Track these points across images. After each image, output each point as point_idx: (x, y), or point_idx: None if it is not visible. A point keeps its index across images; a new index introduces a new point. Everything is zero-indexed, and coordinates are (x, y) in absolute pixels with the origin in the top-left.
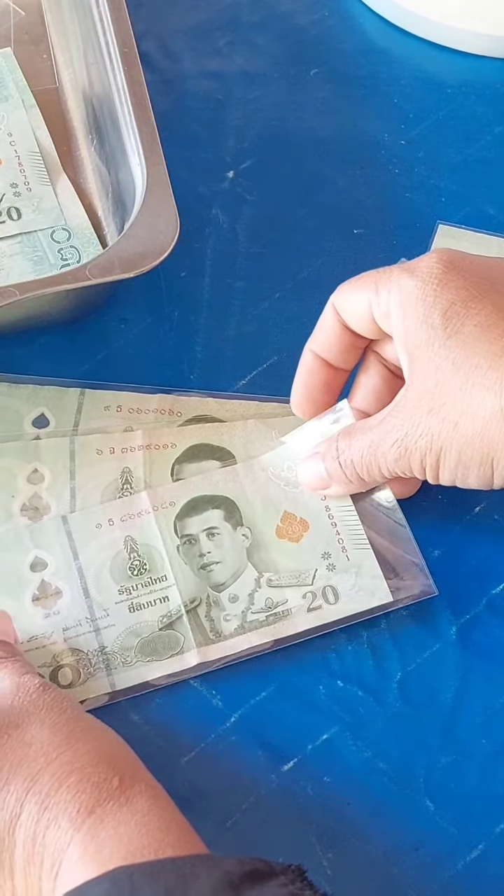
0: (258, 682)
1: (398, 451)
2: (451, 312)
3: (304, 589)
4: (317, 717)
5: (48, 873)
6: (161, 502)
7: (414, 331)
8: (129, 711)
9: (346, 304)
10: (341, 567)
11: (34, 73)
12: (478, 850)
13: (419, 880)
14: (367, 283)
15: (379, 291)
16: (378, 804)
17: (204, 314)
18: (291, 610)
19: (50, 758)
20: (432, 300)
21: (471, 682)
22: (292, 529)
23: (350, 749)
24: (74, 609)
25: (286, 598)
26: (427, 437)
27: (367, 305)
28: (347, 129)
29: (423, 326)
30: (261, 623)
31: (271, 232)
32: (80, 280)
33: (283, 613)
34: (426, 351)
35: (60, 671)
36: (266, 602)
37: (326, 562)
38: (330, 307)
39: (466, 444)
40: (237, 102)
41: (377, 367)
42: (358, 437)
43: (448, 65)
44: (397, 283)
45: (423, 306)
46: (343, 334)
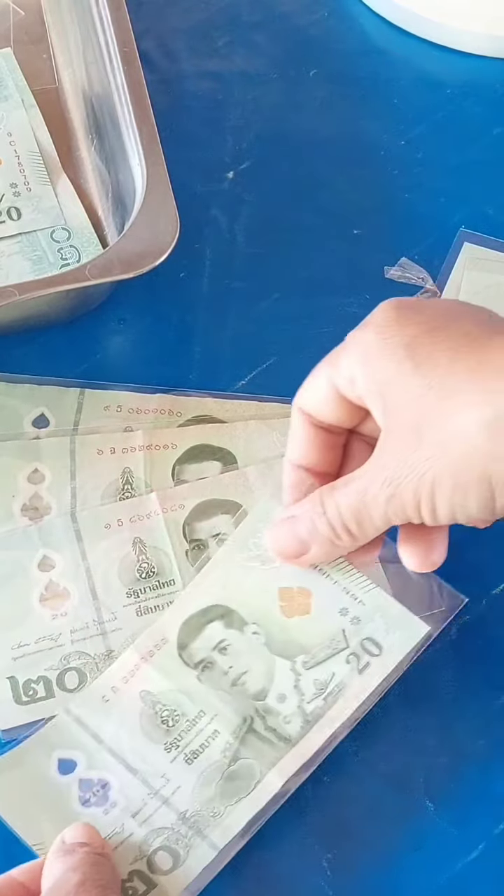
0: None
1: (389, 491)
2: (415, 343)
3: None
4: None
5: None
6: (171, 504)
7: (381, 372)
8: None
9: (309, 397)
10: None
11: (34, 72)
12: (478, 851)
13: (419, 880)
14: (322, 365)
15: (337, 362)
16: (377, 805)
17: (203, 314)
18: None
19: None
20: (393, 340)
21: (469, 682)
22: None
23: (349, 750)
24: (82, 610)
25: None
26: (417, 469)
27: (328, 385)
28: (347, 130)
29: (389, 363)
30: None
31: (270, 232)
32: (80, 280)
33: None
34: (398, 384)
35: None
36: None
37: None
38: (295, 412)
39: (459, 466)
40: (236, 102)
41: (362, 448)
42: (342, 488)
43: (448, 65)
44: (353, 343)
45: (385, 347)
46: (316, 435)
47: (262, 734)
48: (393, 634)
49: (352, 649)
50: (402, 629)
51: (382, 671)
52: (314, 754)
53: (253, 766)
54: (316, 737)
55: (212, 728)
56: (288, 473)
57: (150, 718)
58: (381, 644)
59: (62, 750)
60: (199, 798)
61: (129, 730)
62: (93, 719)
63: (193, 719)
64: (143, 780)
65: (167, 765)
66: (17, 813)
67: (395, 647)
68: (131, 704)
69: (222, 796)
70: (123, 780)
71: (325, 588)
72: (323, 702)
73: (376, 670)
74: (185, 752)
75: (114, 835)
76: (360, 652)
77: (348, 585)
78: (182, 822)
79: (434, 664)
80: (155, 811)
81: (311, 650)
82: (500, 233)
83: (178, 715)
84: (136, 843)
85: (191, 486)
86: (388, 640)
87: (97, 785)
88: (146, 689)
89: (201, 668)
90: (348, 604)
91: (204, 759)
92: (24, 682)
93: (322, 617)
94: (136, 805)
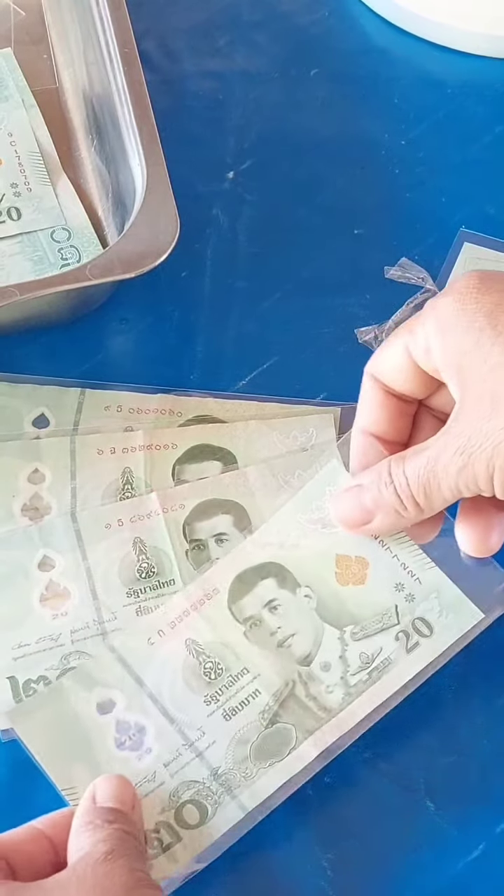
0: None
1: (461, 460)
2: (498, 311)
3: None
4: None
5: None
6: (171, 504)
7: (458, 341)
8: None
9: (383, 364)
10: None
11: (34, 73)
12: (478, 851)
13: (420, 880)
14: (399, 332)
15: (413, 330)
16: (378, 805)
17: (204, 314)
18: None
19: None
20: (474, 307)
21: (471, 682)
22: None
23: (350, 750)
24: (82, 610)
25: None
26: (492, 438)
27: (404, 353)
28: (347, 129)
29: (468, 332)
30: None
31: (271, 232)
32: (81, 280)
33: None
34: (476, 354)
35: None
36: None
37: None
38: (367, 378)
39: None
40: (237, 102)
41: (431, 423)
42: (412, 457)
43: (448, 65)
44: (431, 310)
45: (464, 315)
46: (388, 402)
47: (303, 701)
48: (446, 617)
49: (402, 627)
50: (456, 613)
51: (431, 653)
52: (352, 728)
53: (290, 731)
54: (356, 710)
55: (253, 687)
56: (357, 440)
57: (192, 668)
58: (433, 626)
59: (103, 688)
60: (232, 756)
61: (170, 676)
62: (136, 660)
63: (236, 675)
64: (179, 729)
65: (205, 718)
66: (51, 752)
67: (447, 631)
68: (176, 651)
69: (256, 758)
70: (160, 727)
71: (384, 561)
72: (367, 676)
73: (425, 652)
74: (225, 707)
75: (145, 782)
76: (410, 631)
77: (407, 561)
78: (213, 779)
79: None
80: (188, 763)
81: (362, 622)
82: (501, 233)
83: (221, 668)
84: (165, 793)
85: (191, 486)
86: (440, 623)
87: (134, 728)
88: (192, 638)
89: (249, 624)
90: (405, 580)
91: (242, 717)
92: (24, 682)
93: (376, 589)
94: (170, 755)
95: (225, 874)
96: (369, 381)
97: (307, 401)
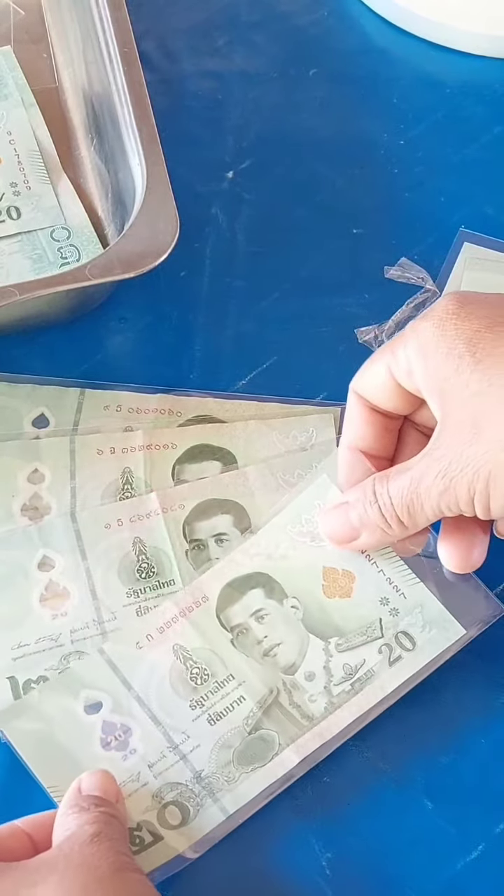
0: None
1: (443, 483)
2: (477, 338)
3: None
4: None
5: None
6: (171, 504)
7: (439, 367)
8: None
9: (366, 383)
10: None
11: (34, 72)
12: (477, 851)
13: (418, 880)
14: (381, 352)
15: (395, 352)
16: (377, 804)
17: (203, 313)
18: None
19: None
20: (453, 333)
21: (470, 682)
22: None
23: (349, 749)
24: (82, 610)
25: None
26: (473, 464)
27: (386, 373)
28: (346, 129)
29: (448, 359)
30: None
31: (270, 231)
32: (80, 280)
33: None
34: (457, 381)
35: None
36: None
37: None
38: (352, 396)
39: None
40: (236, 102)
41: (416, 437)
42: (396, 477)
43: (447, 65)
44: (413, 333)
45: (444, 341)
46: (372, 419)
47: (286, 708)
48: (429, 632)
49: (386, 640)
50: (438, 628)
51: (413, 667)
52: (333, 737)
53: (273, 737)
54: (338, 720)
55: (238, 693)
56: (343, 456)
57: (179, 673)
58: (416, 640)
59: (91, 690)
60: (216, 760)
61: (157, 681)
62: (124, 663)
63: (222, 682)
64: (164, 732)
65: (190, 722)
66: (37, 752)
67: (429, 646)
68: (163, 656)
69: (239, 763)
70: (146, 729)
71: (370, 575)
72: (350, 686)
73: (407, 665)
74: (210, 712)
75: (129, 781)
76: (393, 644)
77: (393, 576)
78: (196, 781)
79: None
80: (172, 765)
81: (346, 634)
82: (500, 233)
83: (207, 674)
84: (149, 793)
85: (191, 486)
86: (423, 637)
87: (120, 730)
88: (180, 644)
89: (237, 632)
90: (390, 594)
91: (226, 722)
92: (24, 681)
93: (362, 603)
94: (155, 756)
95: (224, 873)
96: (354, 398)
97: (307, 401)
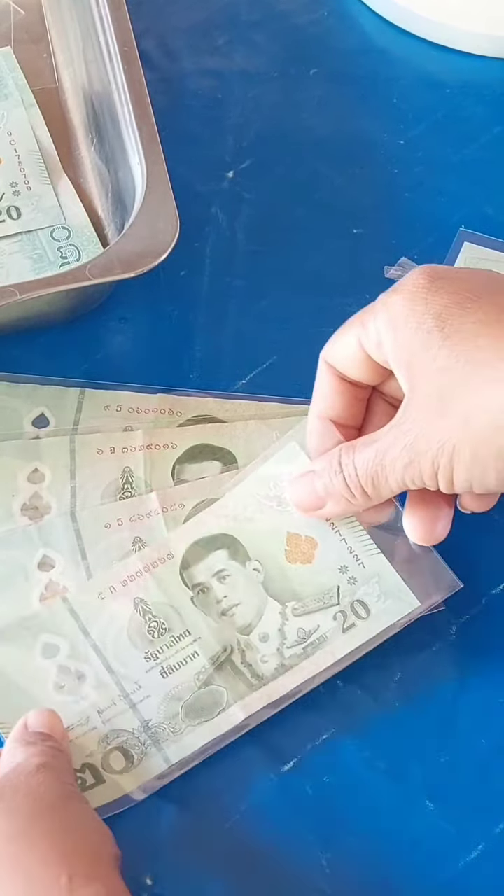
0: None
1: (408, 456)
2: (447, 314)
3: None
4: (317, 717)
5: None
6: (171, 504)
7: (408, 341)
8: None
9: (336, 353)
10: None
11: (34, 72)
12: (477, 850)
13: (418, 880)
14: (351, 323)
15: (365, 323)
16: (377, 804)
17: (203, 313)
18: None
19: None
20: (423, 308)
21: (470, 681)
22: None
23: (349, 749)
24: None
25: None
26: (438, 438)
27: (356, 344)
28: (346, 129)
29: (417, 332)
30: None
31: (270, 231)
32: (80, 280)
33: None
34: (425, 355)
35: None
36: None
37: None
38: (322, 365)
39: (480, 439)
40: (236, 101)
41: (384, 408)
42: (362, 448)
43: (447, 65)
44: (383, 306)
45: (413, 316)
46: (342, 388)
47: (238, 667)
48: (384, 602)
49: (341, 607)
50: (393, 599)
51: (365, 635)
52: (280, 697)
53: (222, 693)
54: (286, 681)
55: (192, 649)
56: (313, 424)
57: (137, 625)
58: (371, 609)
59: (49, 634)
60: (164, 711)
61: (115, 631)
62: (85, 612)
63: (178, 637)
64: (117, 681)
65: (143, 673)
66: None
67: (383, 615)
68: (124, 608)
69: (186, 715)
70: (100, 677)
71: (332, 542)
72: (302, 650)
73: (360, 633)
74: (163, 665)
75: (77, 725)
76: (348, 612)
77: (354, 545)
78: (143, 730)
79: (434, 663)
80: (121, 713)
81: (304, 599)
82: (500, 233)
83: (164, 629)
84: (95, 737)
85: (191, 485)
86: (377, 607)
87: (74, 675)
88: (141, 597)
89: (197, 591)
90: (349, 563)
91: (178, 676)
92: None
93: (322, 569)
94: (105, 703)
95: (224, 873)
96: (324, 367)
97: (307, 401)
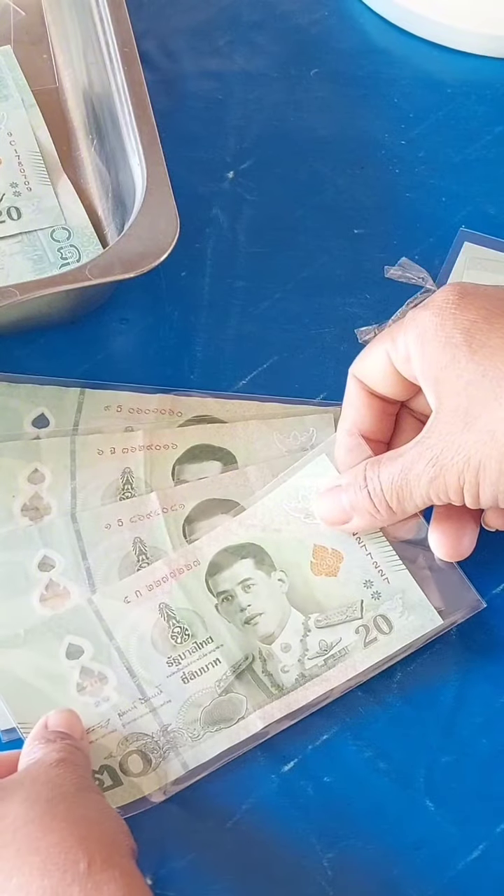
0: None
1: (433, 471)
2: (475, 329)
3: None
4: (317, 717)
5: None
6: (171, 504)
7: (436, 355)
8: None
9: (366, 368)
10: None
11: (34, 72)
12: (478, 851)
13: (419, 880)
14: (381, 338)
15: (395, 338)
16: (378, 804)
17: (204, 314)
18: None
19: (18, 834)
20: (451, 323)
21: (471, 682)
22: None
23: (350, 749)
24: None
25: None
26: (464, 452)
27: (385, 359)
28: (347, 129)
29: (445, 348)
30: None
31: (271, 231)
32: (80, 280)
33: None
34: (452, 370)
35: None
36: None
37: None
38: (351, 380)
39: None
40: (237, 102)
41: (412, 424)
42: (387, 463)
43: (448, 65)
44: (412, 322)
45: (442, 331)
46: (371, 403)
47: (259, 676)
48: (406, 618)
49: (364, 621)
50: (417, 615)
51: (387, 650)
52: (298, 708)
53: (242, 701)
54: (306, 693)
55: (214, 656)
56: (342, 438)
57: (161, 630)
58: (394, 624)
59: (74, 636)
60: (184, 717)
61: (139, 635)
62: (110, 615)
63: (201, 643)
64: (139, 685)
65: (164, 678)
66: (14, 689)
67: (405, 631)
68: (149, 612)
69: (206, 722)
70: (121, 680)
71: (358, 557)
72: (323, 662)
73: (381, 648)
74: (185, 671)
75: (98, 727)
76: (371, 626)
77: (379, 560)
78: (162, 734)
79: (435, 663)
80: (141, 716)
81: (327, 611)
82: (501, 232)
83: (188, 635)
84: (115, 740)
85: (191, 486)
86: (400, 622)
87: (96, 677)
88: (166, 603)
89: (222, 598)
90: (374, 577)
91: (199, 682)
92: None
93: (346, 583)
94: (126, 706)
95: (225, 872)
96: (353, 382)
97: (307, 401)
